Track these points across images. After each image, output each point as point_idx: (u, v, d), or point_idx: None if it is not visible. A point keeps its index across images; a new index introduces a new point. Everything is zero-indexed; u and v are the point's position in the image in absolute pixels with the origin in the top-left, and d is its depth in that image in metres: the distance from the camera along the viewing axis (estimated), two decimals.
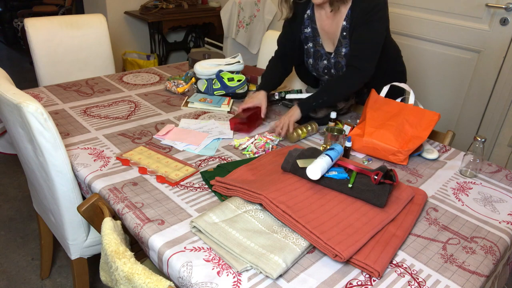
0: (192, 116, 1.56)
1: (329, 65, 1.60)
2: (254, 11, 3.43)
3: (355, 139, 1.36)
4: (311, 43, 1.61)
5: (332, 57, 1.57)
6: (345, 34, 1.48)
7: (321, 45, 1.59)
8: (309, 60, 1.66)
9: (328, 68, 1.61)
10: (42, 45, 1.94)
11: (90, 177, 1.13)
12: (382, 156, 1.33)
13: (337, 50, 1.54)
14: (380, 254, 0.89)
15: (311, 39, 1.60)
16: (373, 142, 1.33)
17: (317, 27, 1.56)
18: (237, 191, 1.03)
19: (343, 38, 1.49)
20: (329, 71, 1.62)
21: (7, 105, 1.10)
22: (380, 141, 1.32)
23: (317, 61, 1.63)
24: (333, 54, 1.56)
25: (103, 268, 0.93)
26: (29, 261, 1.87)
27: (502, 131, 2.37)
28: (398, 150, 1.30)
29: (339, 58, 1.54)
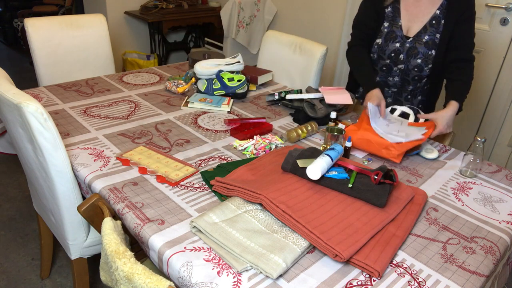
0: (192, 116, 1.56)
1: (400, 48, 1.56)
2: (254, 11, 3.43)
3: (351, 133, 1.37)
4: (387, 23, 1.58)
5: (409, 41, 1.54)
6: (433, 23, 1.49)
7: (398, 27, 1.56)
8: (378, 40, 1.60)
9: (396, 52, 1.57)
10: (42, 45, 1.94)
11: (90, 177, 1.13)
12: (375, 150, 1.33)
13: (418, 35, 1.53)
14: (380, 254, 0.89)
15: (389, 18, 1.57)
16: (367, 134, 1.34)
17: (400, 7, 1.55)
18: (237, 191, 1.03)
19: (431, 26, 1.50)
20: (396, 56, 1.58)
21: (7, 105, 1.10)
22: (375, 135, 1.33)
23: (387, 42, 1.58)
24: (411, 39, 1.54)
25: (103, 268, 0.93)
26: (29, 261, 1.87)
27: (502, 131, 2.37)
28: (392, 144, 1.30)
29: (417, 44, 1.53)
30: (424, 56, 1.54)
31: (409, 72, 1.59)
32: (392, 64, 1.61)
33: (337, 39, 3.14)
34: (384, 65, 1.64)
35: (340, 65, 3.17)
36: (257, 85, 1.91)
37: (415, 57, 1.55)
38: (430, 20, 1.50)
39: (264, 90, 1.90)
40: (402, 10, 1.55)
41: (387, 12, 1.58)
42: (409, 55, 1.56)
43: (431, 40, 1.52)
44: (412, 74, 1.58)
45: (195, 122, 1.51)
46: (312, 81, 2.00)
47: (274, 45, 2.17)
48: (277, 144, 1.37)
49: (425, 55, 1.54)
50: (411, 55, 1.55)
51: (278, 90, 1.91)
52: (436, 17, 1.49)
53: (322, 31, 3.21)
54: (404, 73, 1.61)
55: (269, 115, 1.63)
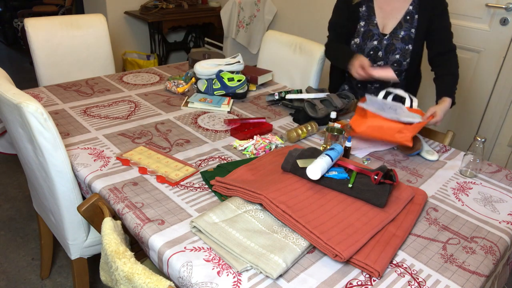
0: (192, 116, 1.56)
1: (379, 46, 1.60)
2: (254, 11, 3.43)
3: (357, 123, 1.34)
4: (363, 22, 1.61)
5: (386, 38, 1.58)
6: (408, 18, 1.53)
7: (375, 25, 1.59)
8: (356, 39, 1.64)
9: (375, 50, 1.61)
10: (42, 45, 1.95)
11: (90, 177, 1.13)
12: (388, 136, 1.31)
13: (394, 32, 1.57)
14: (380, 254, 0.89)
15: (364, 17, 1.61)
16: (378, 121, 1.32)
17: (374, 6, 1.58)
18: (237, 191, 1.03)
19: (405, 21, 1.54)
20: (375, 53, 1.62)
21: (7, 105, 1.10)
22: (385, 120, 1.32)
23: (365, 41, 1.62)
24: (387, 36, 1.58)
25: (103, 268, 0.93)
26: (29, 261, 1.87)
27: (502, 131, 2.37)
28: (405, 126, 1.29)
29: (394, 41, 1.57)
30: (402, 51, 1.59)
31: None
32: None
33: None
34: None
35: None
36: (257, 85, 1.91)
37: (393, 53, 1.60)
38: (404, 16, 1.55)
39: (264, 90, 1.90)
40: (376, 8, 1.59)
41: (362, 12, 1.62)
42: (387, 51, 1.60)
43: (407, 35, 1.57)
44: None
45: (195, 122, 1.51)
46: (312, 81, 2.00)
47: (274, 45, 2.17)
48: (277, 144, 1.37)
49: (403, 50, 1.59)
50: (389, 51, 1.60)
51: (278, 90, 1.91)
52: (409, 12, 1.54)
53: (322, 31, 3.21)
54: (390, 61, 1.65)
55: (269, 115, 1.63)
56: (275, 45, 2.16)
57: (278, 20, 3.55)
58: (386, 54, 1.61)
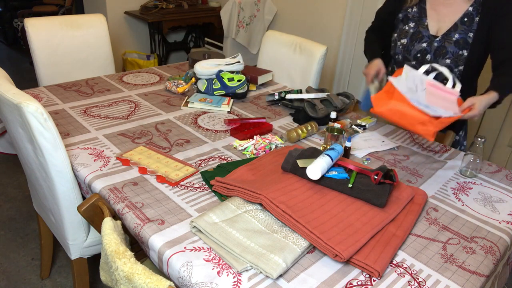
0: (192, 116, 1.56)
1: (427, 48, 1.47)
2: (254, 11, 3.43)
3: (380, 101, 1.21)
4: (413, 23, 1.50)
5: (437, 40, 1.45)
6: (465, 20, 1.39)
7: (425, 27, 1.48)
8: (402, 40, 1.53)
9: (423, 53, 1.48)
10: (42, 45, 1.95)
11: (90, 177, 1.13)
12: (408, 125, 1.18)
13: (447, 34, 1.43)
14: (380, 254, 0.89)
15: (415, 18, 1.50)
16: (402, 106, 1.17)
17: (426, 7, 1.48)
18: (237, 191, 1.03)
19: (462, 24, 1.39)
20: (423, 56, 1.48)
21: (7, 105, 1.10)
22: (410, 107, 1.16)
23: (413, 42, 1.50)
24: (439, 38, 1.45)
25: (103, 268, 0.93)
26: (29, 261, 1.87)
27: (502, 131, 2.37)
28: (430, 119, 1.15)
29: (446, 43, 1.43)
30: (454, 56, 1.43)
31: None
32: (418, 65, 1.49)
33: (337, 39, 3.14)
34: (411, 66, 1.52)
35: (340, 65, 3.17)
36: (257, 85, 1.91)
37: (444, 57, 1.45)
38: (461, 17, 1.40)
39: (264, 90, 1.90)
40: (428, 10, 1.48)
41: (412, 13, 1.51)
42: (437, 55, 1.46)
43: (462, 39, 1.41)
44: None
45: (195, 122, 1.51)
46: (312, 81, 2.00)
47: (274, 45, 2.17)
48: (277, 144, 1.37)
49: (455, 55, 1.43)
50: (439, 55, 1.45)
51: (278, 90, 1.91)
52: (468, 14, 1.38)
53: (322, 31, 3.21)
54: None
55: (269, 115, 1.63)
56: (275, 45, 2.16)
57: (278, 20, 3.55)
58: (435, 57, 1.46)
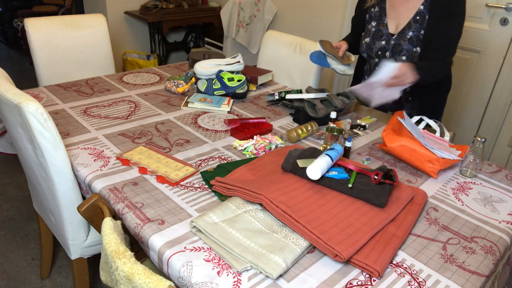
0: (192, 116, 1.56)
1: (386, 46, 1.56)
2: (254, 11, 3.43)
3: (390, 138, 1.30)
4: (375, 22, 1.59)
5: (393, 38, 1.54)
6: (418, 19, 1.47)
7: (385, 25, 1.56)
8: (366, 39, 1.63)
9: (383, 50, 1.57)
10: (42, 45, 1.95)
11: (90, 177, 1.13)
12: (416, 161, 1.26)
13: (402, 32, 1.51)
14: (380, 254, 0.89)
15: (376, 18, 1.59)
16: (412, 143, 1.26)
17: (386, 6, 1.56)
18: (237, 191, 1.03)
19: (415, 22, 1.47)
20: (383, 53, 1.58)
21: (7, 105, 1.10)
22: (419, 145, 1.26)
23: (374, 40, 1.60)
24: (395, 36, 1.53)
25: (103, 268, 0.93)
26: (29, 261, 1.87)
27: (502, 131, 2.37)
28: (437, 159, 1.23)
29: (401, 41, 1.51)
30: (409, 53, 1.52)
31: None
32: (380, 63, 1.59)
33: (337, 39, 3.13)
34: (375, 64, 1.66)
35: None
36: (257, 85, 1.91)
37: (400, 54, 1.54)
38: (414, 16, 1.48)
39: (264, 90, 1.90)
40: (388, 9, 1.56)
41: (374, 12, 1.60)
42: (394, 52, 1.55)
43: (415, 36, 1.49)
44: None
45: (195, 122, 1.51)
46: (312, 81, 2.00)
47: (274, 45, 2.17)
48: (277, 144, 1.37)
49: (410, 52, 1.52)
50: (396, 52, 1.54)
51: (278, 90, 1.91)
52: (420, 12, 1.47)
53: (322, 31, 3.21)
54: None
55: (269, 115, 1.63)
56: (275, 45, 2.16)
57: (278, 20, 3.55)
58: (393, 54, 1.56)
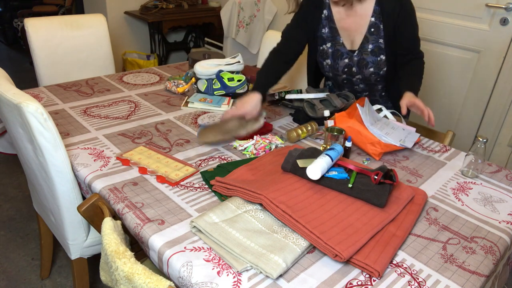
0: (192, 116, 1.56)
1: (350, 63, 1.58)
2: (254, 11, 3.43)
3: (341, 119, 1.40)
4: (330, 43, 1.59)
5: (355, 55, 1.55)
6: (372, 31, 1.49)
7: (341, 44, 1.57)
8: (326, 61, 1.63)
9: (349, 67, 1.59)
10: (42, 45, 1.95)
11: (90, 177, 1.13)
12: (360, 143, 1.36)
13: (362, 47, 1.53)
14: (380, 254, 0.89)
15: (329, 39, 1.58)
16: (358, 125, 1.36)
17: (337, 27, 1.55)
18: (237, 191, 1.03)
19: (370, 34, 1.49)
20: (349, 70, 1.60)
21: (7, 105, 1.10)
22: (365, 128, 1.35)
23: (336, 60, 1.60)
24: (356, 52, 1.55)
25: (103, 268, 0.93)
26: (29, 261, 1.87)
27: (502, 131, 2.37)
28: (378, 141, 1.32)
29: (364, 55, 1.54)
30: (375, 63, 1.55)
31: (368, 79, 1.61)
32: (349, 77, 1.63)
33: None
34: (344, 79, 1.66)
35: None
36: None
37: (367, 67, 1.56)
38: (368, 29, 1.50)
39: None
40: (339, 28, 1.56)
41: (326, 33, 1.58)
42: (360, 66, 1.57)
43: (376, 47, 1.52)
44: (372, 79, 1.60)
45: (195, 122, 1.51)
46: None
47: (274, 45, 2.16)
48: (277, 144, 1.37)
49: (375, 63, 1.55)
50: (362, 66, 1.57)
51: (278, 90, 1.91)
52: (373, 24, 1.49)
53: None
54: (365, 80, 1.62)
55: (269, 115, 1.63)
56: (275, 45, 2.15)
57: (278, 20, 3.55)
58: (360, 69, 1.58)
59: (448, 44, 2.46)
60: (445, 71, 2.52)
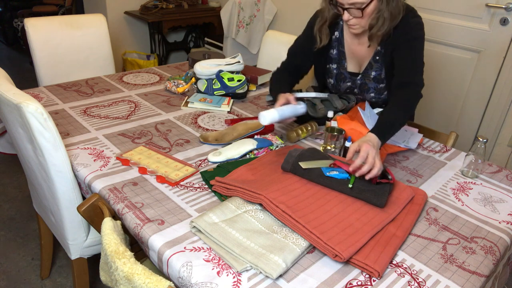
0: (192, 116, 1.56)
1: (353, 86, 1.60)
2: (254, 11, 3.43)
3: (343, 121, 1.39)
4: (335, 65, 1.60)
5: (358, 78, 1.57)
6: (377, 58, 1.49)
7: (345, 68, 1.58)
8: (330, 80, 1.64)
9: (351, 89, 1.61)
10: (42, 45, 1.94)
11: (90, 177, 1.13)
12: None
13: (365, 72, 1.54)
14: (380, 254, 0.88)
15: (335, 61, 1.59)
16: (361, 127, 1.36)
17: (345, 51, 1.56)
18: (237, 191, 1.03)
19: (375, 62, 1.50)
20: (351, 91, 1.62)
21: (7, 105, 1.10)
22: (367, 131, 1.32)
23: (339, 82, 1.62)
24: (359, 76, 1.56)
25: (103, 268, 0.93)
26: (29, 261, 1.87)
27: (502, 131, 2.37)
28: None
29: (367, 80, 1.55)
30: (376, 90, 1.57)
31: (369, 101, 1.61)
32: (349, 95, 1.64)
33: None
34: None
35: None
36: (257, 85, 1.91)
37: (368, 92, 1.58)
38: (373, 56, 1.50)
39: (264, 90, 1.90)
40: (347, 53, 1.56)
41: (334, 55, 1.59)
42: (362, 90, 1.59)
43: (378, 75, 1.53)
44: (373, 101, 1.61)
45: (195, 122, 1.51)
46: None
47: (274, 45, 2.16)
48: (277, 144, 1.37)
49: (377, 89, 1.56)
50: (364, 90, 1.58)
51: None
52: (378, 52, 1.49)
53: None
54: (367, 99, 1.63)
55: None
56: (275, 45, 2.16)
57: (278, 20, 3.55)
58: (361, 92, 1.60)
59: (448, 44, 2.46)
60: (445, 71, 2.51)
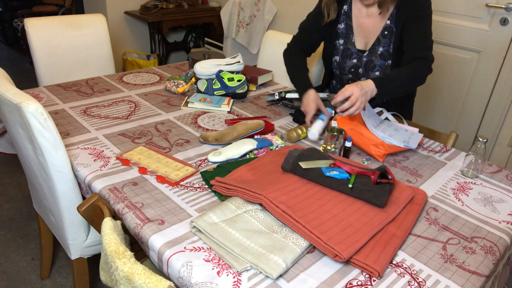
0: (192, 116, 1.56)
1: (358, 63, 1.56)
2: (254, 11, 3.43)
3: (343, 121, 1.39)
4: (342, 40, 1.57)
5: (365, 55, 1.53)
6: (386, 34, 1.47)
7: (352, 43, 1.55)
8: (336, 57, 1.61)
9: (356, 67, 1.58)
10: (42, 45, 1.94)
11: (90, 177, 1.13)
12: (363, 145, 1.36)
13: (372, 48, 1.51)
14: (380, 254, 0.89)
15: (343, 35, 1.56)
16: (361, 127, 1.37)
17: (353, 24, 1.53)
18: (237, 191, 1.03)
19: (383, 37, 1.47)
20: (356, 70, 1.58)
21: (7, 105, 1.10)
22: (367, 130, 1.36)
23: (344, 59, 1.59)
24: (366, 53, 1.53)
25: (103, 268, 0.93)
26: (29, 261, 1.87)
27: (502, 131, 2.37)
28: (382, 143, 1.32)
29: (373, 57, 1.52)
30: (381, 67, 1.54)
31: None
32: (355, 78, 1.62)
33: None
34: (348, 79, 1.65)
35: None
36: (257, 85, 1.91)
37: (373, 70, 1.55)
38: (382, 31, 1.48)
39: (264, 90, 1.90)
40: (355, 27, 1.54)
41: (341, 29, 1.57)
42: (367, 68, 1.56)
43: (385, 51, 1.50)
44: None
45: (195, 122, 1.51)
46: (312, 81, 2.00)
47: (274, 45, 2.17)
48: (277, 144, 1.37)
49: (382, 67, 1.54)
50: (369, 68, 1.56)
51: (278, 90, 1.91)
52: (387, 27, 1.46)
53: None
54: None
55: (269, 115, 1.63)
56: (275, 45, 2.16)
57: (278, 20, 3.55)
58: (366, 71, 1.57)
59: (448, 44, 2.46)
60: (445, 71, 2.52)
